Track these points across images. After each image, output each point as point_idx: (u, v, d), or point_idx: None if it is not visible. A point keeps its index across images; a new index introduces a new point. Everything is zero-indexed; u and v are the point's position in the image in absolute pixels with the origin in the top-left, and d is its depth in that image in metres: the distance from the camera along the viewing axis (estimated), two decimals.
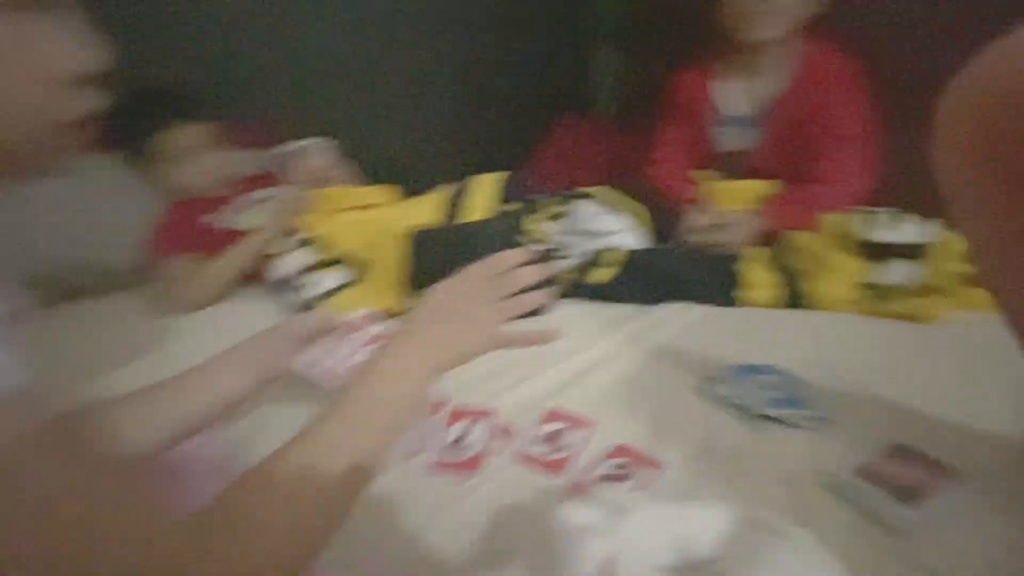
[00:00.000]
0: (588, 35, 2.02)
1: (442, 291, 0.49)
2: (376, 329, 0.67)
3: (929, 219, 1.09)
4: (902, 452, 0.69)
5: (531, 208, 1.27)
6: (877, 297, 1.02)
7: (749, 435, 0.76)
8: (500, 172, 1.31)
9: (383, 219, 1.20)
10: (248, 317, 1.08)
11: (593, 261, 1.14)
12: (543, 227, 1.27)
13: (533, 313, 0.51)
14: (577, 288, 1.11)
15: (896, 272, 1.01)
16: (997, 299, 0.50)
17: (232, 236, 1.21)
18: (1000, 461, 0.68)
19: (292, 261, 1.17)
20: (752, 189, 1.33)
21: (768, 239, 1.20)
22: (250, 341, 0.63)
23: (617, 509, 0.54)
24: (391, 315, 1.05)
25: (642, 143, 1.55)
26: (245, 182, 1.32)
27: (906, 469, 0.66)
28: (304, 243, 1.20)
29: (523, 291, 0.50)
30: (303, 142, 1.32)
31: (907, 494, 0.62)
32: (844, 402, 0.80)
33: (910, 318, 0.98)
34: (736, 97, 1.37)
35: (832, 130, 1.25)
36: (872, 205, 1.20)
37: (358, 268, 1.14)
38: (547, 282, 0.52)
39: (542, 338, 0.52)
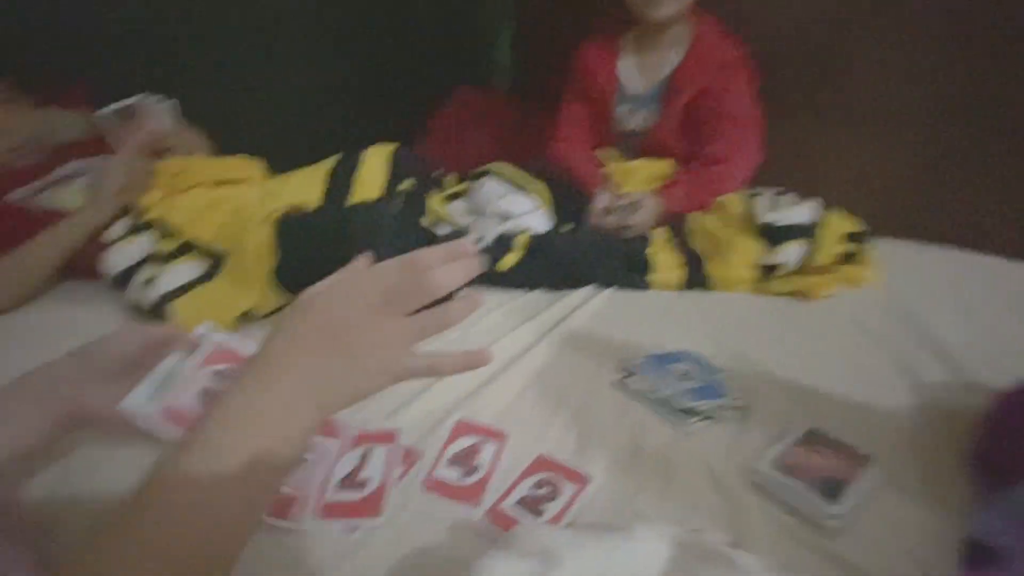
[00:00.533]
0: (487, 5, 1.90)
1: (328, 300, 0.35)
2: (219, 340, 0.47)
3: (806, 198, 1.13)
4: (817, 440, 0.68)
5: (430, 185, 1.14)
6: (770, 277, 1.04)
7: (672, 433, 0.72)
8: (390, 144, 1.15)
9: (243, 199, 0.99)
10: (73, 325, 0.85)
11: (507, 246, 1.05)
12: (448, 208, 1.15)
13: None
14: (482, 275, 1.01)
15: (790, 253, 1.04)
16: None
17: (45, 218, 0.95)
18: (907, 443, 0.70)
19: (127, 251, 0.94)
20: (651, 169, 1.31)
21: (668, 220, 1.19)
22: (42, 372, 0.45)
23: (546, 557, 0.46)
24: (257, 317, 0.88)
25: (540, 119, 1.48)
26: (61, 150, 1.05)
27: (825, 459, 0.65)
28: (141, 228, 0.97)
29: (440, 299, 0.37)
30: (131, 99, 1.06)
31: (830, 487, 0.61)
32: (754, 386, 0.79)
33: (801, 295, 1.01)
34: (637, 74, 1.33)
35: (723, 109, 1.26)
36: (754, 184, 1.24)
37: (211, 260, 0.93)
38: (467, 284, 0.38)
39: (467, 363, 0.40)
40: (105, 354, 0.47)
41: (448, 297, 0.37)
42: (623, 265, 1.04)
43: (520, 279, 1.03)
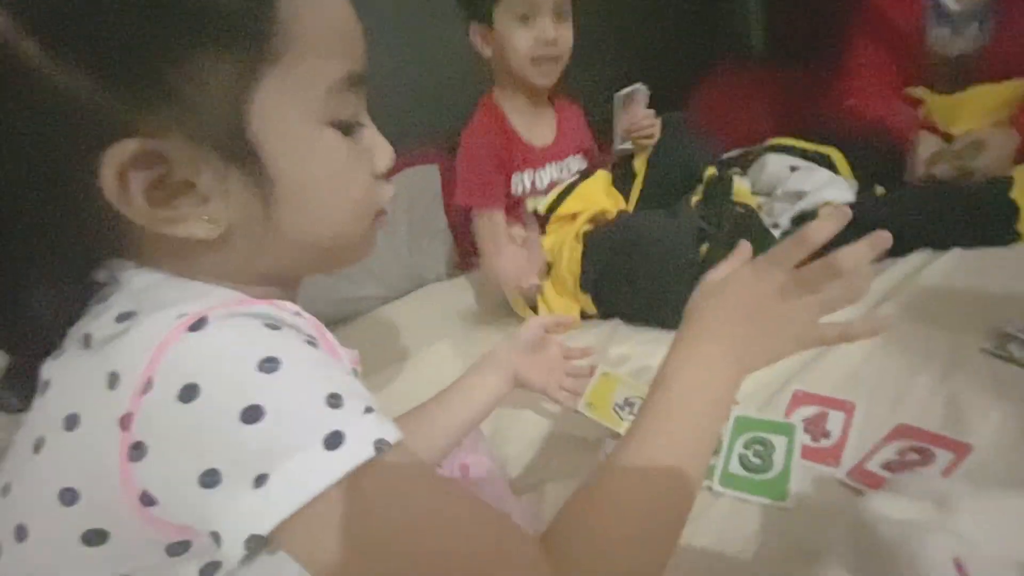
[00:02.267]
0: None
1: (738, 284, 0.41)
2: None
3: None
4: None
5: (729, 166, 1.14)
6: None
7: None
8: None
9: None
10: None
11: (803, 221, 1.01)
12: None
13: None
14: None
15: None
16: None
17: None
18: None
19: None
20: (988, 98, 1.07)
21: None
22: (494, 351, 0.66)
23: (941, 502, 0.44)
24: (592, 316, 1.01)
25: (806, 80, 1.33)
26: None
27: None
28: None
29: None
30: (635, 86, 1.07)
31: None
32: None
33: None
34: None
35: None
36: None
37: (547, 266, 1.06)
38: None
39: (867, 331, 0.42)
40: (522, 338, 0.68)
41: None
42: (975, 217, 0.88)
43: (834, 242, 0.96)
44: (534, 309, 1.02)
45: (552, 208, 1.04)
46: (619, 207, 1.09)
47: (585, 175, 1.09)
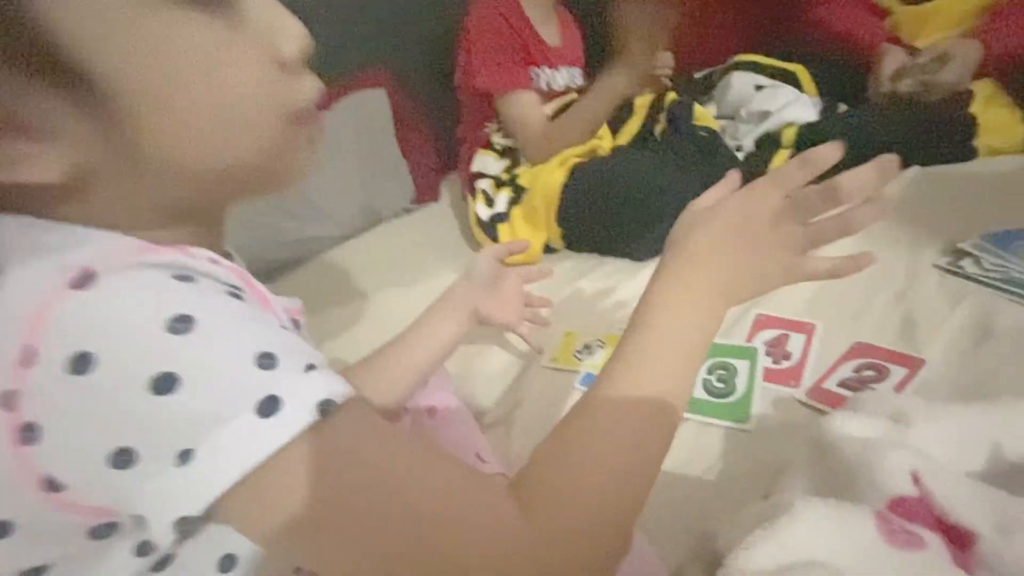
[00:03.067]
0: None
1: (730, 210, 0.38)
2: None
3: None
4: None
5: (693, 90, 1.10)
6: None
7: None
8: None
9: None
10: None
11: (767, 143, 0.99)
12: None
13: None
14: (761, 171, 0.97)
15: None
16: None
17: None
18: None
19: (488, 161, 1.04)
20: (956, 8, 1.04)
21: (995, 68, 0.94)
22: (452, 288, 0.63)
23: (898, 418, 0.46)
24: (558, 250, 0.99)
25: None
26: None
27: None
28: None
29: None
30: None
31: None
32: None
33: None
34: None
35: None
36: None
37: (516, 194, 1.02)
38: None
39: (854, 266, 0.39)
40: (478, 273, 0.65)
41: None
42: (935, 135, 0.88)
43: None
44: (495, 240, 0.98)
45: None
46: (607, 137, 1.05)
47: (581, 91, 1.03)
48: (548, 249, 0.99)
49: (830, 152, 0.37)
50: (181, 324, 0.23)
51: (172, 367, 0.22)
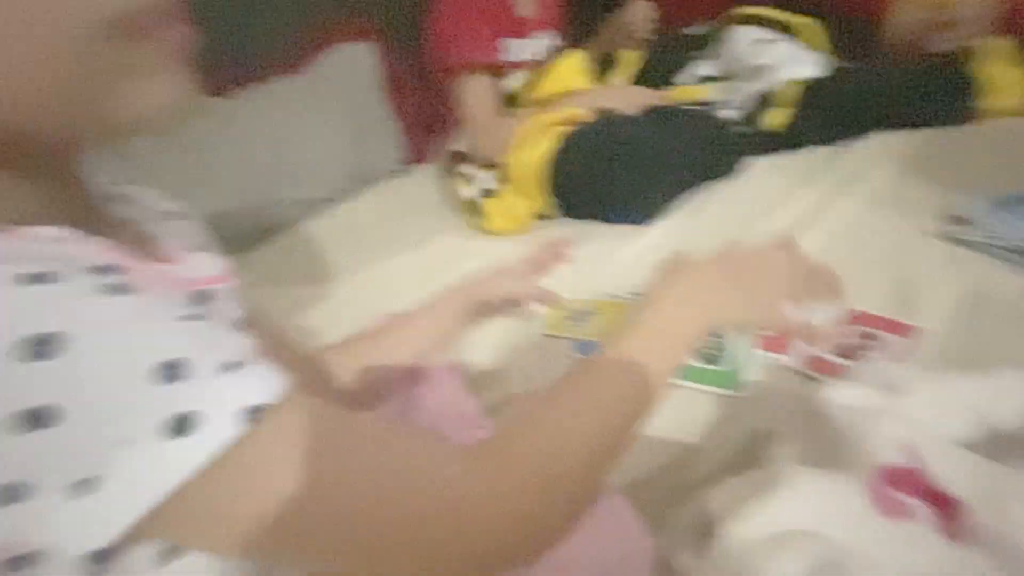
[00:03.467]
0: None
1: (740, 251, 0.42)
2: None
3: None
4: None
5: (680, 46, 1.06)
6: None
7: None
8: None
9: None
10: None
11: (763, 102, 0.96)
12: (696, 70, 1.06)
13: None
14: (750, 140, 0.95)
15: None
16: None
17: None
18: None
19: None
20: None
21: (1009, 26, 0.90)
22: (453, 296, 0.58)
23: (893, 388, 0.45)
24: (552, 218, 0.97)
25: None
26: None
27: None
28: None
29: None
30: None
31: None
32: None
33: None
34: None
35: None
36: None
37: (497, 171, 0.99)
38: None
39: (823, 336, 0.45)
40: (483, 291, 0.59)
41: None
42: (942, 93, 0.85)
43: (799, 137, 0.93)
44: (477, 211, 0.96)
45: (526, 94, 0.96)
46: (594, 88, 1.01)
47: (558, 53, 0.99)
48: (542, 217, 0.96)
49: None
50: (46, 346, 0.18)
51: (48, 400, 0.18)
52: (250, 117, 1.03)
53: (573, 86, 0.96)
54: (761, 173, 0.91)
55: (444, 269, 0.86)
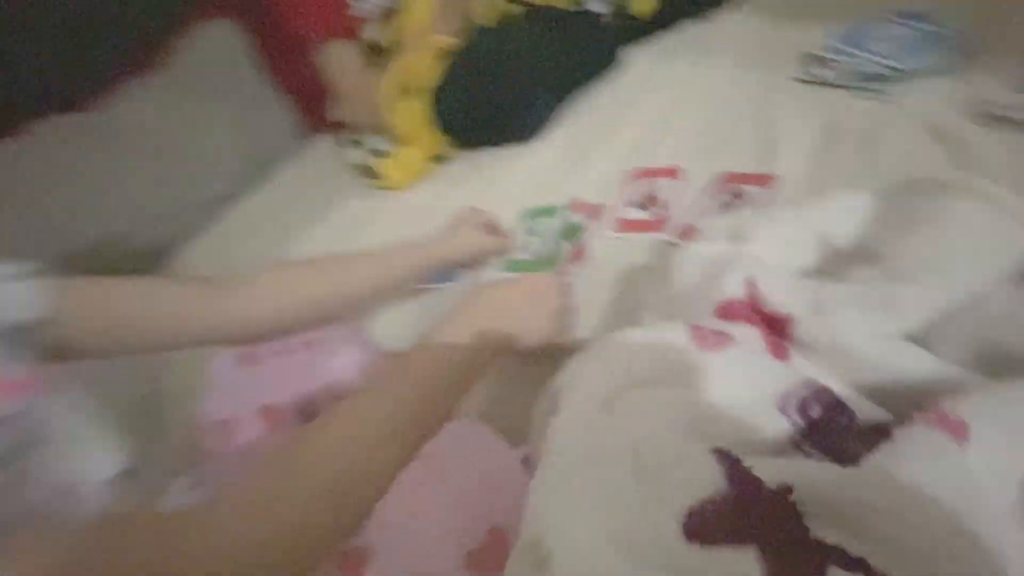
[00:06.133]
0: None
1: (529, 281, 0.51)
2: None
3: None
4: None
5: None
6: None
7: (878, 105, 0.63)
8: None
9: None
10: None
11: None
12: None
13: None
14: (623, 31, 0.94)
15: None
16: None
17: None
18: None
19: None
20: None
21: None
22: (412, 246, 0.62)
23: (736, 237, 0.48)
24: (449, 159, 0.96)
25: None
26: None
27: None
28: None
29: None
30: None
31: None
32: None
33: None
34: None
35: None
36: None
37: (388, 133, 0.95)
38: None
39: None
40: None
41: None
42: None
43: (664, 19, 0.93)
44: (373, 174, 0.95)
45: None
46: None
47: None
48: (438, 159, 0.96)
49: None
50: None
51: None
52: (125, 126, 1.00)
53: (429, 21, 0.93)
54: (637, 61, 0.91)
55: (357, 233, 0.87)
